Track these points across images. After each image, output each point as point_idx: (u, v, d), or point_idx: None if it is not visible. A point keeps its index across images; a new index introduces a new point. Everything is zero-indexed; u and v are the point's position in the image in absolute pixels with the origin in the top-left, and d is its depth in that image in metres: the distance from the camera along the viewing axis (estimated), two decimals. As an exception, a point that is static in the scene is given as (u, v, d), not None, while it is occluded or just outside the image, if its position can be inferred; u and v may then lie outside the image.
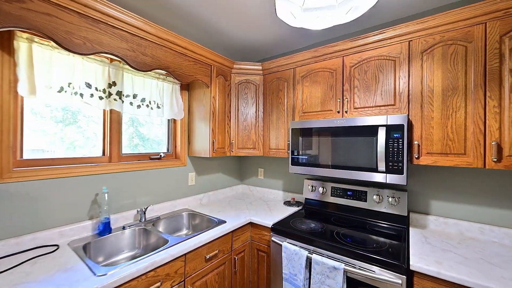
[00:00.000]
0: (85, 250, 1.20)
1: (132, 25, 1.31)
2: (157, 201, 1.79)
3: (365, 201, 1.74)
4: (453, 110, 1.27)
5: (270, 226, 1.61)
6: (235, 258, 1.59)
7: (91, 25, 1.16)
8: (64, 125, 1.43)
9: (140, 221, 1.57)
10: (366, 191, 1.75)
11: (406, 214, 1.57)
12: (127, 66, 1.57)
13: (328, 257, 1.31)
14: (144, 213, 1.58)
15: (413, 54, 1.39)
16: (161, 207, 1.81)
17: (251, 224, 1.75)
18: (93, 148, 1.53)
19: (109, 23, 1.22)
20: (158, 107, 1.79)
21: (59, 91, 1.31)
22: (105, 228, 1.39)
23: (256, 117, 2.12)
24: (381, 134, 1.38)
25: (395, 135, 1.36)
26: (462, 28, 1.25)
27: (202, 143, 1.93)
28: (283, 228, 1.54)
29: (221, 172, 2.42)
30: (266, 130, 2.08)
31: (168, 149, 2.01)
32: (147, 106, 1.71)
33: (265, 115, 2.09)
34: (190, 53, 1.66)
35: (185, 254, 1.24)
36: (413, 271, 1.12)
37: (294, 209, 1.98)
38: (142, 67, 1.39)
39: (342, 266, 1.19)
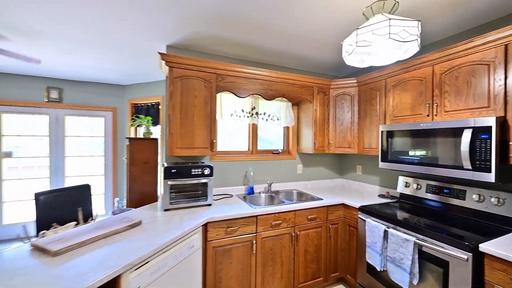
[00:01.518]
0: (244, 198, 2.28)
1: (265, 75, 2.26)
2: (276, 181, 2.72)
3: (464, 199, 1.79)
4: (560, 109, 1.24)
5: (357, 207, 2.09)
6: (329, 226, 2.20)
7: (247, 81, 2.20)
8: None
9: (268, 191, 2.54)
10: (465, 190, 1.80)
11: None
12: (260, 97, 2.58)
13: (404, 233, 1.64)
14: (270, 186, 2.54)
15: (510, 56, 1.42)
16: (278, 185, 2.72)
17: (344, 205, 2.28)
18: (230, 145, 2.63)
19: (255, 78, 2.23)
20: (277, 119, 2.71)
21: (231, 116, 2.49)
22: (251, 191, 2.45)
23: (351, 122, 2.57)
24: (467, 135, 1.52)
25: (482, 136, 1.46)
26: None
27: (307, 143, 2.66)
28: (367, 208, 1.98)
29: (323, 166, 3.04)
30: (360, 132, 2.49)
31: (283, 147, 2.92)
32: (272, 119, 2.67)
33: (359, 120, 2.51)
34: (298, 82, 2.44)
35: (294, 211, 2.03)
36: (483, 253, 1.29)
37: (386, 200, 2.28)
38: (270, 98, 2.33)
39: (413, 239, 1.53)
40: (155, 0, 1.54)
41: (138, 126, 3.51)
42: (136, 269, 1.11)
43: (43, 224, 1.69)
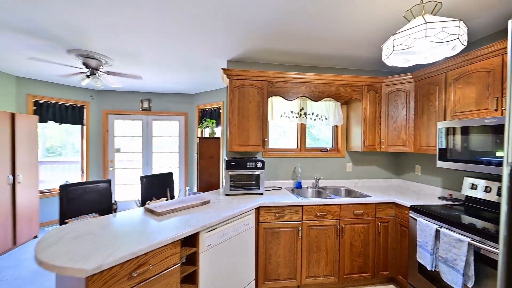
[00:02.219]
0: (292, 191, 2.52)
1: (311, 78, 2.45)
2: (324, 178, 2.85)
3: (546, 205, 1.56)
4: None
5: (409, 206, 2.04)
6: (378, 223, 2.22)
7: (295, 85, 2.44)
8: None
9: (315, 186, 2.70)
10: (549, 195, 1.56)
11: None
12: (308, 98, 2.77)
13: (458, 233, 1.57)
14: (317, 182, 2.69)
15: None
16: (326, 182, 2.83)
17: (395, 204, 2.24)
18: (281, 143, 2.89)
19: (302, 81, 2.44)
20: (326, 118, 2.84)
21: (281, 116, 2.76)
22: (299, 186, 2.67)
23: (406, 119, 2.47)
24: (542, 131, 1.36)
25: (562, 132, 1.29)
26: None
27: (356, 141, 2.69)
28: (419, 208, 1.92)
29: (375, 165, 2.97)
30: (417, 129, 2.37)
31: (332, 145, 3.01)
32: (320, 119, 2.82)
33: (416, 117, 2.39)
34: (346, 82, 2.52)
35: (340, 204, 2.14)
36: (554, 261, 1.16)
37: (446, 202, 2.12)
38: (317, 99, 2.50)
39: (467, 239, 1.46)
40: (218, 30, 1.97)
41: (205, 127, 4.19)
42: (208, 231, 1.53)
43: (146, 197, 2.38)
